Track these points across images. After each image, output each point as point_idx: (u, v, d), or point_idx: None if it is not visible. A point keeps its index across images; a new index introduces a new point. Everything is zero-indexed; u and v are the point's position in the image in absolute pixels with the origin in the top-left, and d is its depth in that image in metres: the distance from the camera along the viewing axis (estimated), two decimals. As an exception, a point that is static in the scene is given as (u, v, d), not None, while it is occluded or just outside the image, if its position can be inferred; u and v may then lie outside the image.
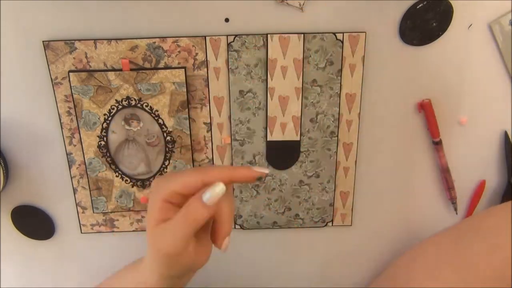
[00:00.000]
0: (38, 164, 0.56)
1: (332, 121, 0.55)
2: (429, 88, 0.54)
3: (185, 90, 0.52)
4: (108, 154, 0.55)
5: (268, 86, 0.53)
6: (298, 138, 0.56)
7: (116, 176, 0.56)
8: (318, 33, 0.51)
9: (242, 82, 0.53)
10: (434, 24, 0.50)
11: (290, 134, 0.55)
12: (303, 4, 0.50)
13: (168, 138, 0.55)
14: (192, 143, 0.55)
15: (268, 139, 0.55)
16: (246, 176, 0.41)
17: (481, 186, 0.59)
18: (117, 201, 0.58)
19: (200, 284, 0.63)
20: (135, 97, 0.53)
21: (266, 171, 0.42)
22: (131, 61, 0.51)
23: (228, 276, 0.64)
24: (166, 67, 0.52)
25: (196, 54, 0.51)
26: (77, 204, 0.58)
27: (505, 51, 0.53)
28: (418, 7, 0.50)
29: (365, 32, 0.51)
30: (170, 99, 0.53)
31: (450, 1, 0.50)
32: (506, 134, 0.57)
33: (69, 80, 0.51)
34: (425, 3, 0.50)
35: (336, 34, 0.51)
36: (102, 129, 0.54)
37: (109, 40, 0.50)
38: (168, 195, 0.40)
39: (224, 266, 0.63)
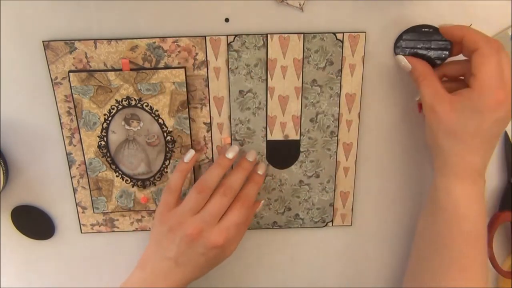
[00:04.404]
0: (38, 164, 0.56)
1: (332, 121, 0.55)
2: (429, 88, 0.54)
3: (185, 90, 0.52)
4: (108, 154, 0.55)
5: (268, 86, 0.53)
6: (298, 138, 0.56)
7: (116, 176, 0.56)
8: (318, 33, 0.51)
9: (242, 82, 0.53)
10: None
11: (290, 134, 0.55)
12: (303, 4, 0.50)
13: (168, 138, 0.55)
14: (192, 143, 0.55)
15: (268, 139, 0.56)
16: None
17: None
18: (117, 201, 0.58)
19: (200, 284, 0.63)
20: (135, 97, 0.53)
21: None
22: (131, 61, 0.51)
23: (228, 276, 0.64)
24: (166, 67, 0.52)
25: (196, 54, 0.51)
26: (77, 204, 0.58)
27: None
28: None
29: (365, 32, 0.51)
30: (170, 99, 0.53)
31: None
32: (506, 134, 0.57)
33: (69, 80, 0.51)
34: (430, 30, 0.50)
35: (336, 34, 0.51)
36: (102, 129, 0.54)
37: (109, 40, 0.50)
38: None
39: (224, 266, 0.63)
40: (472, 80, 0.44)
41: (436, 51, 0.49)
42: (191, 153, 0.54)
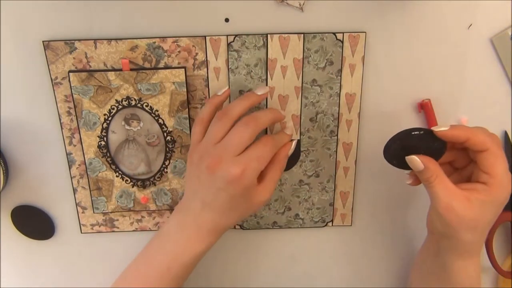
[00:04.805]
0: (38, 164, 0.56)
1: (332, 121, 0.55)
2: (429, 88, 0.54)
3: (185, 90, 0.52)
4: (108, 154, 0.55)
5: (268, 86, 0.53)
6: (298, 137, 0.56)
7: (116, 176, 0.56)
8: (318, 33, 0.51)
9: (242, 82, 0.53)
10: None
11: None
12: (303, 4, 0.50)
13: (168, 138, 0.55)
14: (192, 143, 0.55)
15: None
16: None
17: None
18: (117, 201, 0.58)
19: (200, 284, 0.63)
20: (135, 97, 0.53)
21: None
22: (131, 61, 0.51)
23: (228, 276, 0.64)
24: (166, 67, 0.52)
25: (196, 54, 0.51)
26: (77, 204, 0.58)
27: (503, 56, 0.53)
28: (413, 133, 0.48)
29: (365, 32, 0.51)
30: (170, 99, 0.53)
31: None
32: (506, 134, 0.57)
33: (69, 80, 0.51)
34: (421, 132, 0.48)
35: (336, 34, 0.51)
36: (102, 129, 0.54)
37: (109, 40, 0.50)
38: None
39: (224, 266, 0.63)
40: (487, 177, 0.47)
41: (430, 153, 0.48)
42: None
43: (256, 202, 0.50)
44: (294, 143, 0.53)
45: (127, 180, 0.57)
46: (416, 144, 0.48)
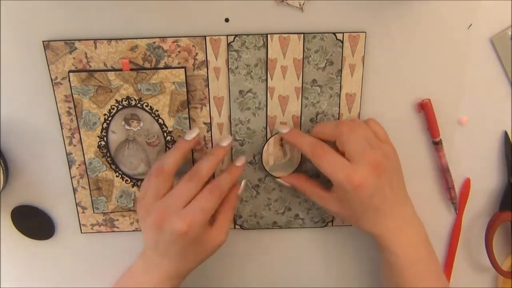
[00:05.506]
0: (38, 164, 0.56)
1: (332, 121, 0.55)
2: (429, 88, 0.54)
3: (185, 90, 0.52)
4: (108, 154, 0.55)
5: (268, 86, 0.53)
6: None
7: (116, 176, 0.56)
8: (318, 33, 0.51)
9: (242, 82, 0.53)
10: None
11: (290, 134, 0.55)
12: (303, 4, 0.50)
13: (168, 138, 0.55)
14: (192, 143, 0.55)
15: (268, 139, 0.55)
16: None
17: (466, 184, 0.59)
18: (117, 201, 0.58)
19: (200, 284, 0.63)
20: (135, 97, 0.53)
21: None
22: (131, 61, 0.51)
23: (228, 276, 0.64)
24: (166, 67, 0.52)
25: (196, 54, 0.51)
26: (77, 204, 0.58)
27: (503, 56, 0.53)
28: None
29: (365, 32, 0.51)
30: (170, 99, 0.53)
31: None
32: (506, 134, 0.57)
33: (69, 80, 0.51)
34: None
35: (336, 34, 0.51)
36: (102, 129, 0.54)
37: (109, 40, 0.50)
38: None
39: (224, 266, 0.63)
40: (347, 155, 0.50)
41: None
42: (194, 131, 0.53)
43: (212, 246, 0.51)
44: (243, 184, 0.56)
45: (127, 180, 0.57)
46: None
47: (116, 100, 0.53)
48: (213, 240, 0.51)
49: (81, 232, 0.60)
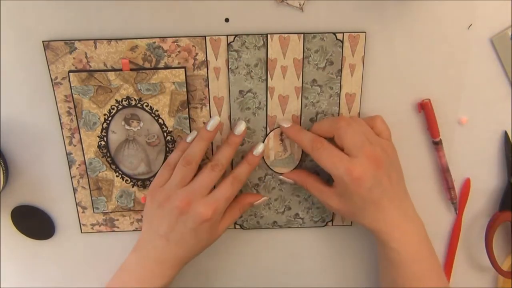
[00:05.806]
0: (38, 164, 0.56)
1: (332, 121, 0.55)
2: (429, 88, 0.54)
3: (185, 90, 0.52)
4: (108, 154, 0.55)
5: (268, 86, 0.53)
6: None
7: (116, 176, 0.56)
8: (318, 33, 0.51)
9: (242, 82, 0.53)
10: None
11: (290, 134, 0.55)
12: (303, 4, 0.50)
13: (169, 138, 0.55)
14: (192, 143, 0.55)
15: (268, 133, 0.56)
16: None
17: (466, 184, 0.59)
18: (117, 201, 0.58)
19: (200, 284, 0.63)
20: (135, 97, 0.53)
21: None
22: (131, 61, 0.51)
23: (228, 276, 0.64)
24: (166, 67, 0.52)
25: (196, 54, 0.51)
26: (77, 204, 0.58)
27: (503, 56, 0.53)
28: None
29: (365, 32, 0.51)
30: (170, 99, 0.53)
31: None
32: (506, 134, 0.57)
33: (69, 80, 0.51)
34: None
35: (336, 34, 0.51)
36: (102, 129, 0.54)
37: (109, 40, 0.50)
38: None
39: (224, 266, 0.63)
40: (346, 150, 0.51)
41: None
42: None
43: (215, 237, 0.54)
44: (263, 199, 0.58)
45: (127, 180, 0.57)
46: None
47: (116, 100, 0.53)
48: (218, 232, 0.53)
49: (81, 232, 0.60)
